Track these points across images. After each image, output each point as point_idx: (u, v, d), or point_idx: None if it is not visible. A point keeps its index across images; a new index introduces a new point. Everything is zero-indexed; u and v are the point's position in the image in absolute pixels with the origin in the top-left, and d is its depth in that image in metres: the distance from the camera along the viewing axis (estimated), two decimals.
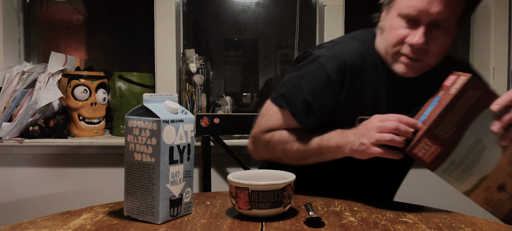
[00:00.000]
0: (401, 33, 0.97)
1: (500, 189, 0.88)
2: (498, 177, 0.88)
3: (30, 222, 0.86)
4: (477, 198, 0.89)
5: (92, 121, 1.74)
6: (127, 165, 0.87)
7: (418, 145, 0.84)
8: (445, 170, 0.87)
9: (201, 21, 2.09)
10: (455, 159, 0.86)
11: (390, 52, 1.01)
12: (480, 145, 0.86)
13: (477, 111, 0.85)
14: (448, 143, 0.85)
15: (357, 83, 1.03)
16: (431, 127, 0.84)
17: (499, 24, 1.82)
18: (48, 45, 2.06)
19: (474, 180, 0.88)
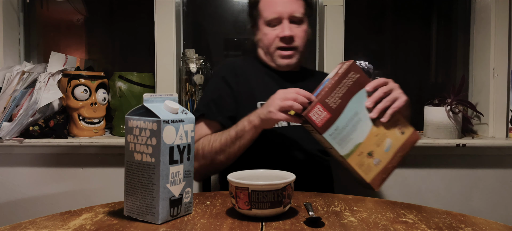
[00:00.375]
0: (273, 34, 1.31)
1: (369, 155, 1.08)
2: (368, 145, 1.07)
3: (30, 222, 0.86)
4: (352, 161, 1.06)
5: (92, 121, 1.74)
6: (127, 165, 0.87)
7: (312, 109, 1.04)
8: (332, 134, 1.05)
9: (201, 21, 2.09)
10: (339, 125, 1.06)
11: (270, 52, 1.33)
12: (357, 117, 1.07)
13: (356, 89, 1.08)
14: (334, 111, 1.06)
15: (246, 79, 1.32)
16: (323, 96, 1.05)
17: (499, 24, 1.82)
18: (48, 45, 2.06)
19: (351, 146, 1.06)
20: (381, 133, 1.09)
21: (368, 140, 1.07)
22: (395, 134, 1.10)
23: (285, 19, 1.29)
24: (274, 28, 1.32)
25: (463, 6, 2.05)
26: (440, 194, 1.81)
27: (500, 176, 1.81)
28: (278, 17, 1.30)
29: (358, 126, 1.07)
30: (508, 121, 1.83)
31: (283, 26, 1.30)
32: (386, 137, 1.09)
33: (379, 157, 1.08)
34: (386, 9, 2.18)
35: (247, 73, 1.36)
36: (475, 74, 1.96)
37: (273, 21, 1.30)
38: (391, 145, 1.09)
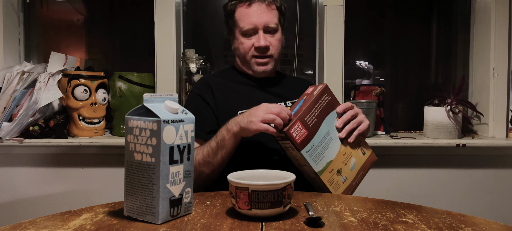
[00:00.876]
0: (249, 44, 1.36)
1: (338, 173, 1.15)
2: (337, 163, 1.15)
3: (30, 222, 0.86)
4: (324, 178, 1.13)
5: (92, 121, 1.74)
6: (127, 165, 0.87)
7: (293, 126, 1.09)
8: (309, 151, 1.10)
9: (201, 21, 2.09)
10: (315, 143, 1.12)
11: (246, 60, 1.38)
12: (329, 136, 1.14)
13: (328, 110, 1.16)
14: (311, 129, 1.12)
15: (222, 91, 1.37)
16: (302, 114, 1.11)
17: (499, 24, 1.82)
18: (48, 45, 2.06)
19: (324, 163, 1.13)
20: (348, 152, 1.17)
21: (338, 158, 1.15)
22: (358, 154, 1.19)
23: (260, 30, 1.34)
24: (249, 37, 1.36)
25: (463, 6, 2.05)
26: (440, 194, 1.81)
27: (500, 176, 1.81)
28: (254, 27, 1.34)
29: (330, 144, 1.14)
30: (508, 121, 1.83)
31: (259, 36, 1.34)
32: (351, 156, 1.18)
33: (346, 175, 1.16)
34: (386, 9, 2.18)
35: (222, 86, 1.40)
36: (475, 74, 1.96)
37: (248, 31, 1.35)
38: (355, 163, 1.18)
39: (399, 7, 2.17)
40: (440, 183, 1.81)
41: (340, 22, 1.81)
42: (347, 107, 1.18)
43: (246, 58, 1.38)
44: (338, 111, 1.18)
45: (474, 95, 1.96)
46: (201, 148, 1.24)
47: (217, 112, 1.35)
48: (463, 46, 2.05)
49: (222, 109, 1.35)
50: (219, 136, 1.20)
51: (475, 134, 1.92)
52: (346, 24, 1.82)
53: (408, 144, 1.71)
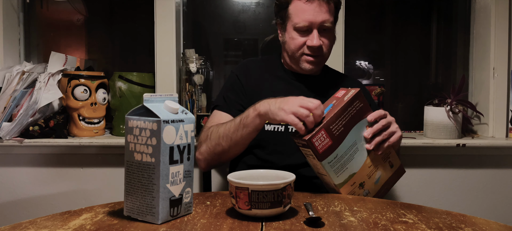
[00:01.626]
0: (300, 41, 1.30)
1: (360, 186, 1.08)
2: (361, 176, 1.08)
3: (30, 222, 0.86)
4: (344, 191, 1.07)
5: (92, 121, 1.74)
6: (127, 165, 0.87)
7: (317, 135, 1.01)
8: (330, 162, 1.03)
9: (201, 21, 2.10)
10: (338, 153, 1.04)
11: (295, 57, 1.33)
12: (355, 147, 1.06)
13: (358, 119, 1.07)
14: (336, 139, 1.03)
15: (257, 79, 1.37)
16: (328, 122, 1.02)
17: (499, 24, 1.82)
18: (48, 45, 2.06)
19: (346, 175, 1.06)
20: (374, 165, 1.09)
21: (362, 170, 1.08)
22: (386, 167, 1.12)
23: (315, 29, 1.28)
24: (302, 34, 1.30)
25: (463, 6, 2.05)
26: (440, 194, 1.81)
27: (500, 176, 1.81)
28: (309, 26, 1.28)
29: (355, 155, 1.07)
30: (508, 121, 1.83)
31: (313, 35, 1.28)
32: (377, 169, 1.10)
33: (369, 189, 1.10)
34: (386, 8, 2.19)
35: (259, 73, 1.38)
36: (475, 74, 1.96)
37: (303, 28, 1.28)
38: (380, 177, 1.11)
39: (399, 7, 2.17)
40: (440, 183, 1.81)
41: (340, 22, 1.80)
42: (380, 116, 1.09)
43: (296, 55, 1.33)
44: (369, 120, 1.08)
45: (474, 95, 1.96)
46: (227, 122, 1.22)
47: (248, 95, 1.34)
48: (463, 46, 2.05)
49: (251, 96, 1.32)
50: (245, 113, 1.16)
51: (475, 134, 1.92)
52: (346, 24, 1.82)
53: (408, 144, 1.71)
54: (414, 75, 2.18)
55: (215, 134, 1.22)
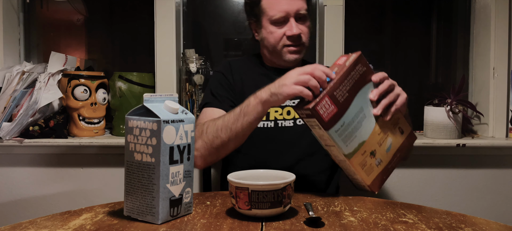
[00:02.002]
0: (279, 33, 1.30)
1: (372, 155, 1.02)
2: (371, 144, 1.02)
3: (30, 222, 0.86)
4: (355, 161, 1.00)
5: (92, 121, 1.74)
6: (127, 165, 0.87)
7: (320, 102, 0.96)
8: (338, 130, 0.98)
9: (201, 21, 2.09)
10: (345, 121, 0.98)
11: (277, 50, 1.32)
12: (362, 113, 1.01)
13: (362, 83, 1.01)
14: (342, 106, 0.98)
15: (240, 78, 1.36)
16: (332, 88, 0.97)
17: (499, 24, 1.82)
18: (48, 45, 2.06)
19: (356, 144, 1.00)
20: (383, 131, 1.03)
21: (372, 138, 1.02)
22: (396, 133, 1.06)
23: (292, 17, 1.28)
24: (280, 26, 1.30)
25: (463, 6, 2.05)
26: (440, 194, 1.81)
27: (500, 176, 1.81)
28: (285, 15, 1.28)
29: (363, 122, 1.00)
30: (508, 121, 1.83)
31: (291, 24, 1.28)
32: (388, 135, 1.04)
33: (381, 157, 1.04)
34: (386, 9, 2.18)
35: (242, 71, 1.38)
36: (475, 74, 1.96)
37: (279, 19, 1.28)
38: (391, 144, 1.05)
39: (399, 7, 2.17)
40: (440, 183, 1.81)
41: (340, 22, 1.81)
42: (384, 77, 1.04)
43: (277, 48, 1.32)
44: (374, 81, 1.02)
45: (474, 95, 1.96)
46: (223, 115, 1.19)
47: (233, 86, 1.35)
48: (463, 46, 2.05)
49: (237, 93, 1.33)
50: (245, 103, 1.13)
51: (475, 134, 1.92)
52: (346, 24, 1.82)
53: None
54: (414, 75, 2.18)
55: (212, 128, 1.18)
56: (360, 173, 1.01)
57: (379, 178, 1.04)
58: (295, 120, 1.31)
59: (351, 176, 1.05)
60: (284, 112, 1.32)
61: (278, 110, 1.32)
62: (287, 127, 1.31)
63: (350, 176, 1.05)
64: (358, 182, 1.05)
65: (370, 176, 1.03)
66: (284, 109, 1.32)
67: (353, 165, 1.00)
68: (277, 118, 1.31)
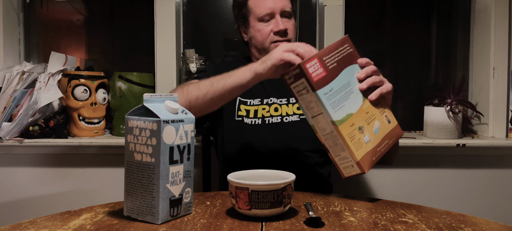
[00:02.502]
0: (267, 30, 1.35)
1: (360, 130, 1.00)
2: (359, 119, 1.01)
3: (30, 222, 0.86)
4: (344, 131, 0.97)
5: (92, 121, 1.74)
6: (127, 165, 0.87)
7: (310, 60, 0.96)
8: (326, 93, 0.97)
9: (201, 21, 2.09)
10: (333, 87, 0.98)
11: (265, 47, 1.36)
12: (350, 88, 1.02)
13: (349, 62, 1.04)
14: (330, 72, 0.99)
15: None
16: (321, 53, 0.99)
17: (499, 24, 1.82)
18: (48, 45, 2.06)
19: (344, 113, 0.98)
20: (371, 112, 1.03)
21: (359, 113, 1.01)
22: (383, 120, 1.06)
23: (277, 14, 1.34)
24: (267, 23, 1.36)
25: (463, 6, 2.05)
26: (440, 194, 1.81)
27: (500, 176, 1.81)
28: (271, 12, 1.34)
29: (350, 96, 1.01)
30: (508, 121, 1.83)
31: (276, 20, 1.34)
32: (375, 118, 1.04)
33: (369, 136, 1.01)
34: (386, 9, 2.18)
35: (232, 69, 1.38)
36: (475, 74, 1.96)
37: (265, 17, 1.35)
38: (379, 128, 1.04)
39: (399, 7, 2.17)
40: (440, 183, 1.81)
41: (340, 22, 1.81)
42: (369, 62, 1.08)
43: (265, 45, 1.37)
44: (360, 63, 1.06)
45: (474, 95, 1.96)
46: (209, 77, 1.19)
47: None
48: (463, 46, 2.05)
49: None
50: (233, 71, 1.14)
51: (475, 134, 1.92)
52: (346, 24, 1.82)
53: (408, 143, 1.71)
54: (414, 75, 2.18)
55: (195, 84, 1.19)
56: (349, 146, 0.97)
57: (369, 156, 1.00)
58: (282, 117, 1.34)
59: (338, 156, 1.00)
60: (271, 109, 1.35)
61: (266, 108, 1.35)
62: (275, 123, 1.33)
63: (337, 156, 1.00)
64: (345, 162, 1.00)
65: (359, 151, 0.98)
66: (271, 107, 1.35)
67: (342, 135, 0.97)
68: (264, 115, 1.34)
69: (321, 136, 1.00)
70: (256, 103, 1.36)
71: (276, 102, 1.36)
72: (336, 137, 0.97)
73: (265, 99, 1.36)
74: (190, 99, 1.16)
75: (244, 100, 1.36)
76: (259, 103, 1.36)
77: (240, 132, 1.32)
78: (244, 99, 1.36)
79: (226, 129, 1.36)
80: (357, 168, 0.98)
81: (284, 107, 1.35)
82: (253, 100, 1.36)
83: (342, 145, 0.97)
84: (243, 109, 1.35)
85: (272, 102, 1.36)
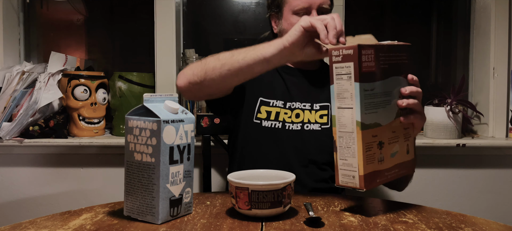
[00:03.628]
0: None
1: (379, 146, 0.91)
2: (384, 134, 0.92)
3: (30, 222, 0.86)
4: (365, 137, 0.88)
5: (92, 121, 1.74)
6: (127, 165, 0.87)
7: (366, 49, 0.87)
8: (367, 91, 0.88)
9: (201, 21, 2.09)
10: (375, 88, 0.89)
11: None
12: (389, 98, 0.93)
13: (399, 71, 0.96)
14: (379, 72, 0.90)
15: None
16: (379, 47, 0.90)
17: (499, 24, 1.82)
18: (48, 45, 2.06)
19: (373, 119, 0.89)
20: (396, 134, 0.95)
21: (386, 129, 0.92)
22: (403, 147, 0.98)
23: (314, 9, 1.26)
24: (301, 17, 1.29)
25: (463, 6, 2.05)
26: (440, 194, 1.81)
27: (500, 176, 1.81)
28: (308, 6, 1.25)
29: (386, 106, 0.92)
30: (508, 121, 1.83)
31: (312, 16, 1.25)
32: (397, 142, 0.96)
33: (385, 156, 0.92)
34: (386, 9, 2.19)
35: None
36: (475, 74, 1.96)
37: (301, 10, 1.26)
38: (397, 153, 0.96)
39: (399, 7, 2.17)
40: (440, 183, 1.81)
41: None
42: (418, 83, 1.00)
43: None
44: (410, 79, 0.98)
45: (474, 95, 1.96)
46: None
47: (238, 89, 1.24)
48: (463, 46, 2.05)
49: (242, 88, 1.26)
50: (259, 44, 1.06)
51: (475, 134, 1.92)
52: (346, 24, 1.82)
53: None
54: (414, 75, 2.18)
55: (214, 56, 1.12)
56: (361, 155, 0.87)
57: (374, 177, 0.90)
58: (303, 124, 1.28)
59: (343, 160, 0.90)
60: (293, 115, 1.28)
61: (288, 113, 1.28)
62: (295, 131, 1.27)
63: (343, 160, 0.90)
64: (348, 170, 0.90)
65: (369, 166, 0.88)
66: (293, 112, 1.28)
67: (361, 140, 0.87)
68: (286, 120, 1.27)
69: (337, 132, 0.90)
70: (279, 106, 1.28)
71: (299, 107, 1.29)
72: (354, 139, 0.88)
73: (288, 102, 1.28)
74: (207, 69, 1.10)
75: (266, 100, 1.28)
76: (282, 106, 1.28)
77: (257, 135, 1.25)
78: (266, 100, 1.28)
79: (242, 129, 1.30)
80: (357, 181, 0.89)
81: (307, 113, 1.28)
82: (276, 101, 1.28)
83: (354, 151, 0.88)
84: (264, 111, 1.27)
85: (294, 107, 1.29)
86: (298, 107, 1.29)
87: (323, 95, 1.30)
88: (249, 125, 1.27)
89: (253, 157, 1.28)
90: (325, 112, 1.30)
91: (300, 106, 1.29)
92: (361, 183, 0.88)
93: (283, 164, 1.24)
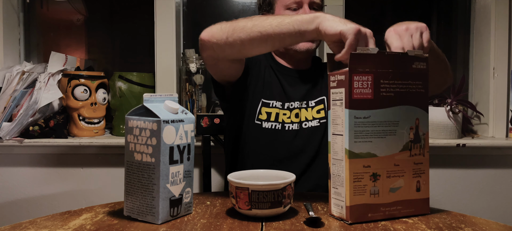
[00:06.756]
0: None
1: (372, 178, 0.84)
2: (381, 166, 0.85)
3: (30, 222, 0.86)
4: (353, 166, 0.82)
5: (92, 121, 1.74)
6: (127, 165, 0.87)
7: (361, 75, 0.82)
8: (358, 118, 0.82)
9: (201, 21, 2.09)
10: (371, 116, 0.83)
11: None
12: (395, 128, 0.86)
13: (412, 101, 0.88)
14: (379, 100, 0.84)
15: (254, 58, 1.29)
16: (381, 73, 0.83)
17: (499, 24, 1.82)
18: (48, 45, 2.06)
19: (364, 149, 0.83)
20: (401, 168, 0.87)
21: (386, 160, 0.85)
22: (411, 184, 0.89)
23: (305, 4, 1.26)
24: (293, 12, 1.28)
25: (463, 6, 2.05)
26: (440, 194, 1.81)
27: (500, 176, 1.81)
28: (299, 1, 1.26)
29: (387, 137, 0.85)
30: (508, 121, 1.83)
31: (304, 10, 1.26)
32: (402, 177, 0.87)
33: (380, 190, 0.85)
34: (386, 9, 2.19)
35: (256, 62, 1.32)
36: (475, 74, 1.96)
37: (292, 4, 1.27)
38: (400, 189, 0.88)
39: (399, 7, 2.17)
40: (440, 183, 1.81)
41: None
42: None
43: None
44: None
45: (474, 95, 1.96)
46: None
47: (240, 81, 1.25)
48: (463, 46, 2.05)
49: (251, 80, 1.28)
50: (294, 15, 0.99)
51: (475, 134, 1.92)
52: None
53: None
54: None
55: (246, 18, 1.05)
56: (347, 185, 0.83)
57: (364, 210, 0.84)
58: (301, 123, 1.29)
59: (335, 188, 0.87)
60: (292, 115, 1.29)
61: (286, 113, 1.28)
62: (294, 131, 1.28)
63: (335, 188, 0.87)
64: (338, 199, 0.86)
65: (356, 198, 0.83)
66: (292, 112, 1.29)
67: (348, 169, 0.82)
68: (285, 121, 1.28)
69: (332, 159, 0.87)
70: (278, 106, 1.29)
71: (297, 107, 1.30)
72: (343, 168, 0.84)
73: (286, 103, 1.29)
74: (235, 27, 1.04)
75: (266, 102, 1.28)
76: (281, 107, 1.29)
77: (257, 136, 1.27)
78: (266, 101, 1.28)
79: (243, 129, 1.30)
80: (344, 212, 0.84)
81: (303, 111, 1.30)
82: (275, 102, 1.28)
83: (343, 179, 0.84)
84: (264, 112, 1.28)
85: (293, 107, 1.30)
86: (297, 106, 1.30)
87: (316, 91, 1.32)
88: (250, 126, 1.28)
89: (254, 157, 1.29)
90: (321, 107, 1.31)
91: (298, 105, 1.30)
92: (347, 215, 0.84)
93: (283, 164, 1.25)
